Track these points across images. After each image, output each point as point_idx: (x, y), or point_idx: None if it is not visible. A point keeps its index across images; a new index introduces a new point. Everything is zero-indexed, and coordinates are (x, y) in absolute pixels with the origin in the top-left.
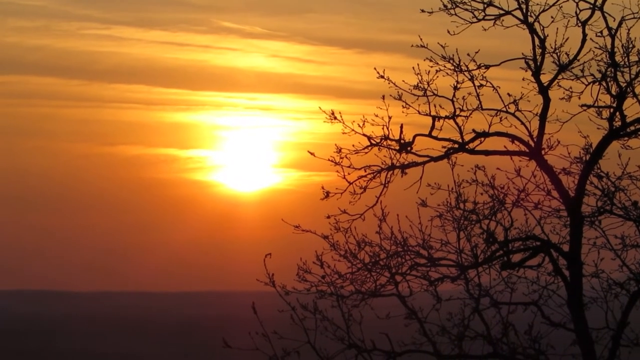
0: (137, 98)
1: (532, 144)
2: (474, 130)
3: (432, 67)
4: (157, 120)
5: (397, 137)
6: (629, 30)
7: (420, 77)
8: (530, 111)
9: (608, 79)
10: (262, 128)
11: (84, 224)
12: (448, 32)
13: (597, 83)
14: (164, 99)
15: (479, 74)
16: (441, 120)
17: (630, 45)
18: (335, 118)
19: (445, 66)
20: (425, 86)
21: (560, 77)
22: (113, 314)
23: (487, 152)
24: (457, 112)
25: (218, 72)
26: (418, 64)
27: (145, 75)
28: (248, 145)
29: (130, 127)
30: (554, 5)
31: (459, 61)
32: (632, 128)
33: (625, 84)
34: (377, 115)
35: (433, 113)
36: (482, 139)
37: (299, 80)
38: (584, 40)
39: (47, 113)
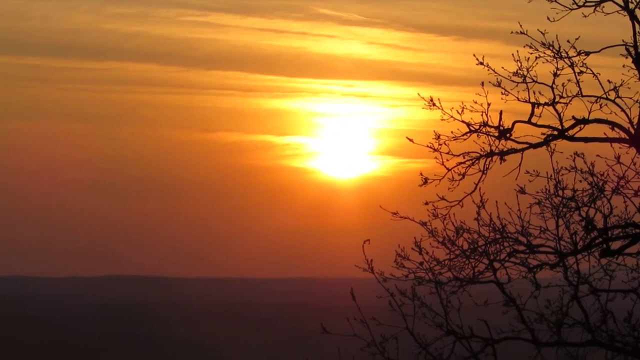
0: (235, 85)
1: (633, 131)
2: (573, 117)
3: (531, 53)
4: (254, 107)
5: (496, 124)
6: None
7: (519, 64)
8: (630, 98)
9: None
10: (359, 115)
11: (181, 210)
12: (548, 18)
13: None
14: (261, 86)
15: (578, 60)
16: (540, 107)
17: None
18: (434, 104)
19: (545, 53)
20: (525, 73)
21: None
22: (208, 301)
23: (586, 139)
24: (557, 99)
25: (315, 59)
26: (517, 51)
27: (242, 62)
28: (345, 132)
29: (228, 114)
30: None
31: (559, 48)
32: None
33: None
34: (476, 102)
35: (532, 100)
36: (582, 125)
37: (396, 67)
38: None
39: (145, 100)
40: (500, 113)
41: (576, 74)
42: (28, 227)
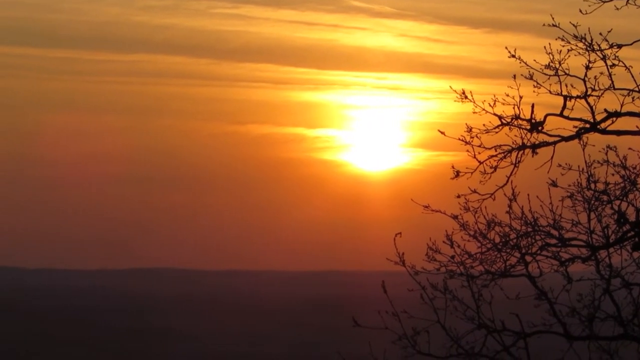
0: (266, 77)
1: None
2: (605, 110)
3: (563, 46)
4: (285, 100)
5: (528, 117)
6: None
7: (551, 57)
8: None
9: None
10: (391, 107)
11: (211, 203)
12: (580, 11)
13: None
14: (292, 78)
15: (611, 53)
16: (573, 100)
17: None
18: (465, 97)
19: (577, 45)
20: (557, 66)
21: None
22: (239, 293)
23: (618, 132)
24: (589, 91)
25: (346, 51)
26: (549, 44)
27: (273, 55)
28: (376, 125)
29: (259, 106)
30: None
31: (591, 41)
32: None
33: None
34: (507, 95)
35: (564, 93)
36: (614, 118)
37: (428, 60)
38: None
39: (176, 92)
40: (532, 106)
41: (608, 67)
42: (58, 219)
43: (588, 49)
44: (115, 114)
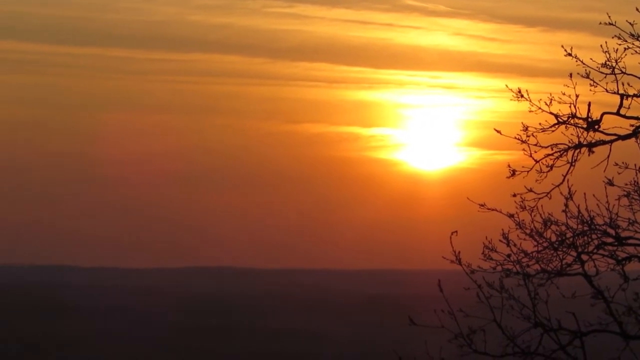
0: (321, 76)
1: None
2: None
3: (620, 45)
4: (340, 99)
5: (584, 116)
6: None
7: (608, 55)
8: None
9: None
10: (445, 106)
11: (268, 201)
12: (637, 9)
13: None
14: (347, 77)
15: None
16: (629, 99)
17: None
18: (522, 96)
19: (633, 44)
20: (613, 64)
21: None
22: (296, 292)
23: None
24: None
25: (401, 50)
26: (606, 42)
27: (328, 53)
28: (431, 124)
29: (314, 105)
30: None
31: None
32: None
33: None
34: (564, 94)
35: (621, 91)
36: None
37: (483, 59)
38: None
39: (231, 91)
40: (589, 104)
41: None
42: (115, 218)
43: None
44: (171, 113)
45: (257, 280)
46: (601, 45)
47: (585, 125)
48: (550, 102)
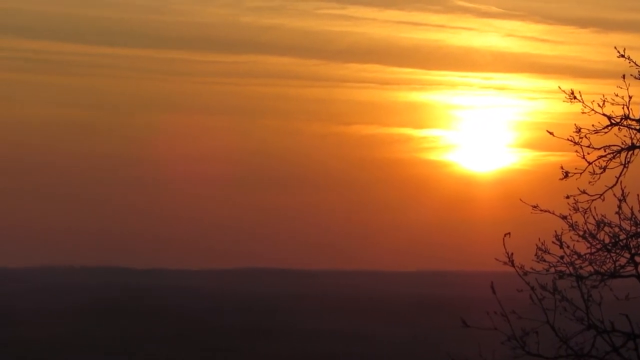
0: (372, 77)
1: None
2: None
3: None
4: (391, 100)
5: (637, 117)
6: None
7: None
8: None
9: None
10: (497, 107)
11: (318, 203)
12: None
13: None
14: (398, 79)
15: None
16: None
17: None
18: (574, 98)
19: None
20: None
21: None
22: (347, 293)
23: None
24: None
25: (453, 51)
26: None
27: (380, 55)
28: (483, 125)
29: (365, 107)
30: None
31: None
32: None
33: None
34: (617, 95)
35: None
36: None
37: (535, 60)
38: None
39: (282, 93)
40: None
41: None
42: (164, 220)
43: None
44: (222, 115)
45: (307, 282)
46: None
47: (638, 127)
48: (603, 104)
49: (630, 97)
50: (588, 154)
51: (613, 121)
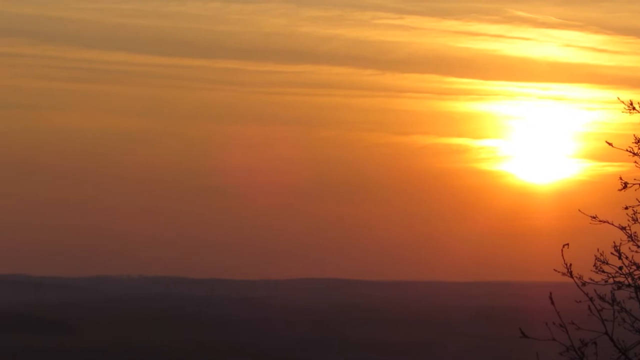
0: (429, 88)
1: None
2: None
3: None
4: (449, 110)
5: None
6: None
7: None
8: None
9: None
10: (555, 118)
11: (373, 213)
12: None
13: None
14: (456, 89)
15: None
16: None
17: None
18: (633, 108)
19: None
20: None
21: None
22: (403, 304)
23: None
24: None
25: (510, 61)
26: None
27: (437, 65)
28: (540, 136)
29: (423, 117)
30: None
31: None
32: None
33: None
34: None
35: None
36: None
37: (593, 70)
38: None
39: (339, 103)
40: None
41: None
42: (223, 230)
43: None
44: (279, 125)
45: (364, 293)
46: None
47: None
48: None
49: None
50: None
51: None
